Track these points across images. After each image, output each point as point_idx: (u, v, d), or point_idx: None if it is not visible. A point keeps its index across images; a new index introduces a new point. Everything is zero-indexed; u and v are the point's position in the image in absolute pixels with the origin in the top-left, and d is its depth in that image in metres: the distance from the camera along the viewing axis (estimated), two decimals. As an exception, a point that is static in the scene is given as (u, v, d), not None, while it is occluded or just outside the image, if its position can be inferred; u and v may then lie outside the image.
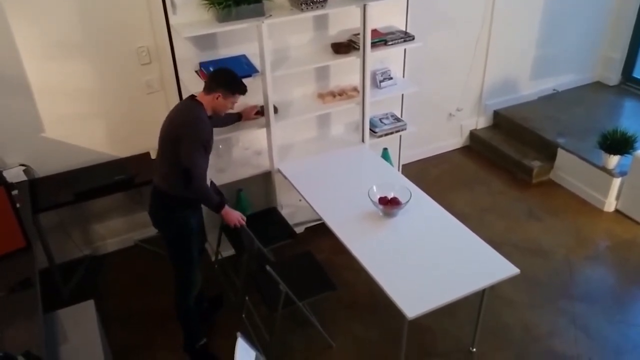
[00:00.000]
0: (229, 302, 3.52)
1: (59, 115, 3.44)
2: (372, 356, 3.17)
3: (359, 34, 3.56)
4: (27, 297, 2.46)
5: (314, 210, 3.22)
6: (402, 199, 3.10)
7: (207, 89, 2.76)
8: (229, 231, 3.35)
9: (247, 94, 2.87)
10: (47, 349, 2.41)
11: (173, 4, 3.10)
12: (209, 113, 2.78)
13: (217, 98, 2.75)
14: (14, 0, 3.05)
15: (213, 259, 3.69)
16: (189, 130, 2.67)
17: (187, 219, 2.84)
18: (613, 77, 5.54)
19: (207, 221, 3.22)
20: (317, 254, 3.89)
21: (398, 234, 2.99)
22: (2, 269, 2.60)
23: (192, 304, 3.02)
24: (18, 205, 2.73)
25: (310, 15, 3.33)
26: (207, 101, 2.76)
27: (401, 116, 4.19)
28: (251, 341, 2.35)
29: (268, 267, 2.78)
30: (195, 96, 2.79)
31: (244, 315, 3.37)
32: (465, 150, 5.19)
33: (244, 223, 2.98)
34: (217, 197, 2.89)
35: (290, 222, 3.61)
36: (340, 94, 3.79)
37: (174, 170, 2.72)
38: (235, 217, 2.96)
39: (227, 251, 3.74)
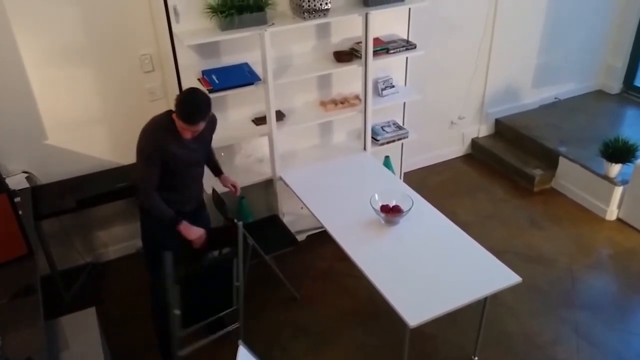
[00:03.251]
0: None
1: (61, 122, 3.45)
2: (374, 364, 3.17)
3: (361, 43, 3.58)
4: (28, 304, 2.46)
5: (316, 218, 3.22)
6: (403, 207, 3.11)
7: None
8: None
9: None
10: (49, 357, 2.41)
11: (176, 12, 3.13)
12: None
13: (176, 116, 2.59)
14: (17, 8, 3.07)
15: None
16: (138, 142, 2.67)
17: (150, 225, 2.87)
18: (615, 85, 5.55)
19: (212, 219, 3.22)
20: (319, 262, 3.91)
21: (400, 242, 2.98)
22: (4, 276, 2.60)
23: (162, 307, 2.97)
24: (20, 212, 2.73)
25: (312, 23, 3.34)
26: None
27: (403, 124, 4.20)
28: (253, 351, 2.34)
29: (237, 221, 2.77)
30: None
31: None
32: (467, 158, 5.20)
33: (201, 241, 2.79)
34: (171, 212, 2.72)
35: (292, 229, 3.61)
36: (342, 102, 3.80)
37: None
38: (195, 233, 2.77)
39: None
